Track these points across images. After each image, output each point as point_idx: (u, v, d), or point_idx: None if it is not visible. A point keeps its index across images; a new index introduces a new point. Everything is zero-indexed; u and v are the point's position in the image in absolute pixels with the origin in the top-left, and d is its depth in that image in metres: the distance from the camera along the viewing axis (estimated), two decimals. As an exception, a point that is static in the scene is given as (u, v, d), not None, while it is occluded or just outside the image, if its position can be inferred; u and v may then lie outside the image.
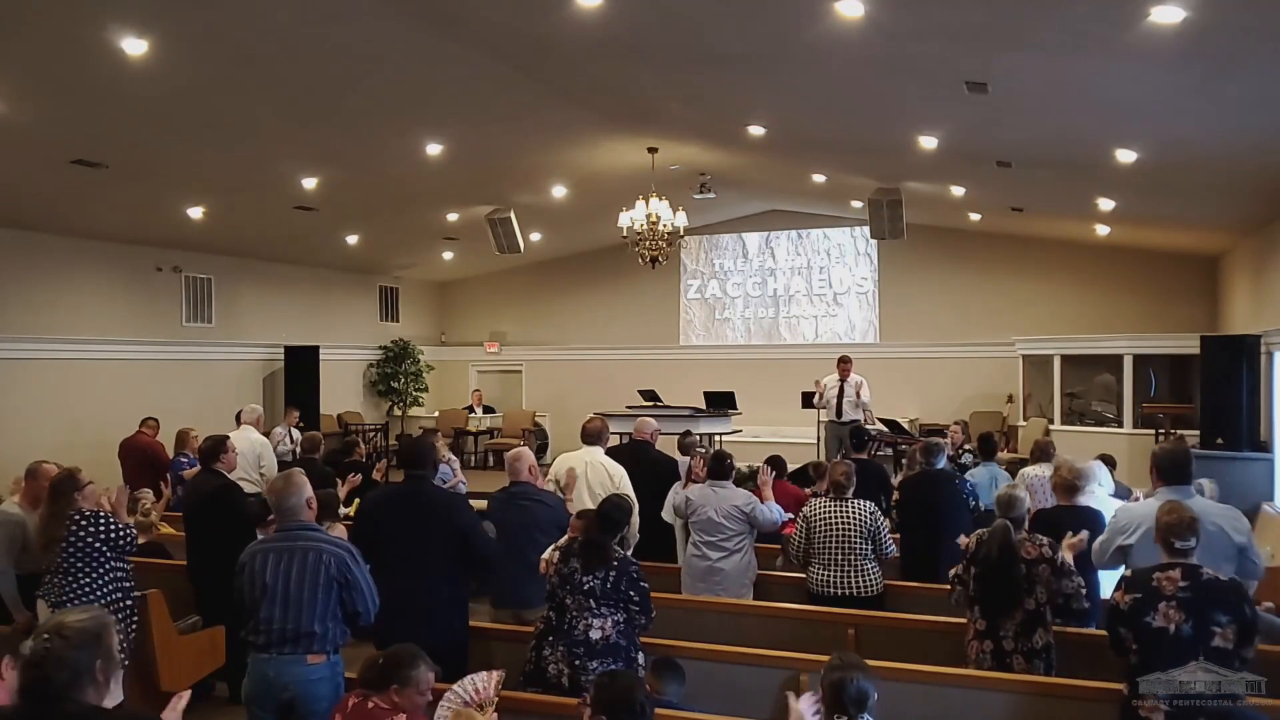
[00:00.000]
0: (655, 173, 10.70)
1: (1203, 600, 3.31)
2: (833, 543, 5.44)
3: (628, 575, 4.11)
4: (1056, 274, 13.46)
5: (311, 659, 3.66)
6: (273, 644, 3.68)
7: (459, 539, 4.37)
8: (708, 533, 5.67)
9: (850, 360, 10.88)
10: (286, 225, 11.53)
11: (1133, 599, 3.41)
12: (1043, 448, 6.94)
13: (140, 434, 9.00)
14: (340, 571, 3.71)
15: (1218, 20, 4.84)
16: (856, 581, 5.40)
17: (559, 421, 15.18)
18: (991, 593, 4.36)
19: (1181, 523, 3.47)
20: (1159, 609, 3.33)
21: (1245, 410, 9.35)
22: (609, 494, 4.92)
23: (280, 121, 8.05)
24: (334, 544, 3.80)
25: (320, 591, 3.68)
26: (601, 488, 5.70)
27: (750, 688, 4.16)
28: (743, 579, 5.69)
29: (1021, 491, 4.75)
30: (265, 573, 3.72)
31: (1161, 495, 4.11)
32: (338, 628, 3.74)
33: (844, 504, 5.49)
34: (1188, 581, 3.34)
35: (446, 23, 6.43)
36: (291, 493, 3.82)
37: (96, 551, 4.60)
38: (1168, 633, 3.30)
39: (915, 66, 6.41)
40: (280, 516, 3.85)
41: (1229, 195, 8.84)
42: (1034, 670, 4.25)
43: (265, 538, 3.88)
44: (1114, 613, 3.49)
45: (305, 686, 3.63)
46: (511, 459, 5.40)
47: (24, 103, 6.92)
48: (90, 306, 11.16)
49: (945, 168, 9.68)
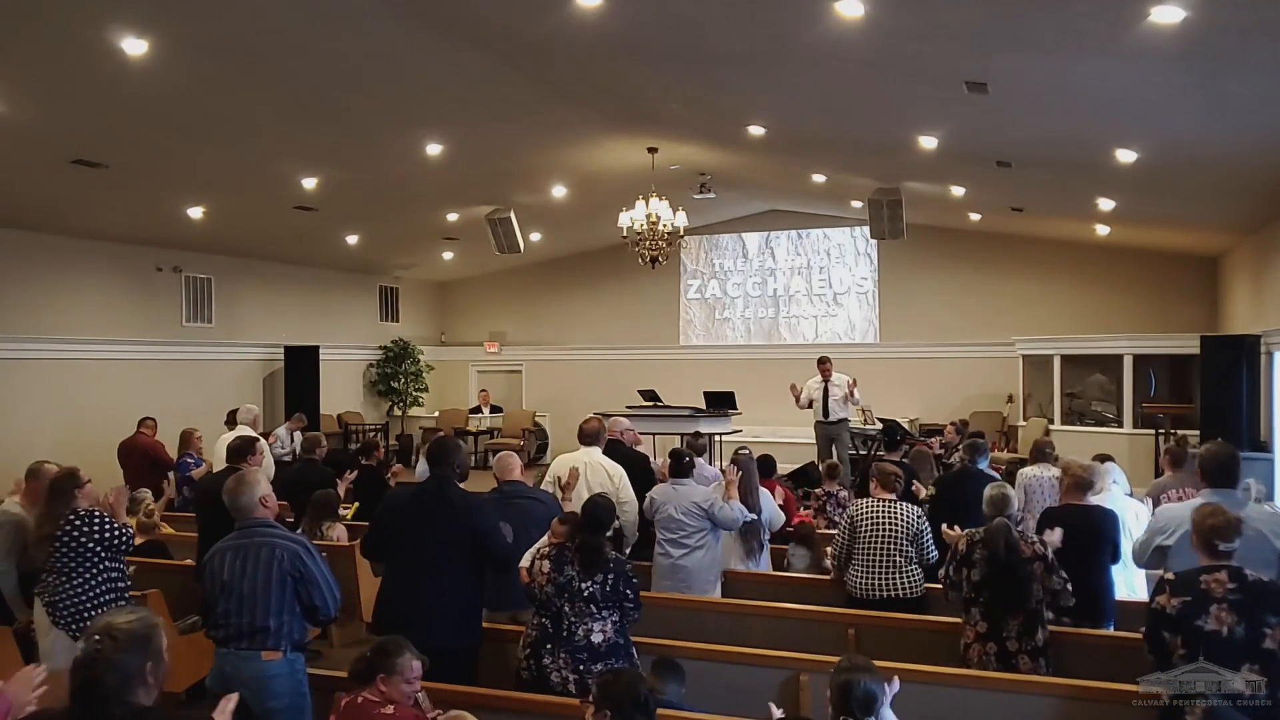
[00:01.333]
0: (655, 173, 10.70)
1: (1253, 602, 3.30)
2: (878, 544, 5.31)
3: (624, 575, 4.13)
4: (1056, 274, 13.46)
5: (266, 655, 3.70)
6: (230, 639, 3.74)
7: (478, 541, 4.36)
8: (669, 530, 5.72)
9: (829, 360, 10.99)
10: (286, 225, 11.53)
11: (1181, 602, 3.37)
12: (1041, 448, 6.93)
13: (140, 434, 9.00)
14: (294, 566, 3.76)
15: (1218, 20, 4.85)
16: (900, 583, 5.27)
17: (559, 421, 15.18)
18: (999, 593, 4.35)
19: (1228, 525, 3.45)
20: (1210, 612, 3.31)
21: (1245, 410, 9.36)
22: (593, 494, 4.90)
23: (280, 121, 8.05)
24: (288, 539, 3.86)
25: (274, 586, 3.73)
26: (601, 487, 5.71)
27: (750, 688, 4.15)
28: (707, 575, 5.71)
29: (1010, 490, 4.75)
30: (223, 570, 3.78)
31: (1206, 497, 4.07)
32: (295, 622, 3.78)
33: (890, 505, 5.38)
34: (1236, 584, 3.33)
35: (446, 23, 6.43)
36: (243, 492, 3.89)
37: (90, 551, 4.57)
38: (1220, 635, 3.28)
39: (915, 66, 6.41)
40: (236, 516, 3.90)
41: (1229, 195, 8.84)
42: (1037, 668, 4.24)
43: (226, 537, 3.92)
44: (1159, 617, 3.44)
45: (261, 683, 3.68)
46: (502, 459, 5.48)
47: (24, 103, 6.92)
48: (90, 306, 11.16)
49: (945, 168, 9.68)
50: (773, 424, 13.21)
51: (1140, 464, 10.36)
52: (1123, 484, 5.77)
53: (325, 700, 3.71)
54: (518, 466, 5.48)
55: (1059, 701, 3.87)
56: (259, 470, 4.07)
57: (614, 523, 4.39)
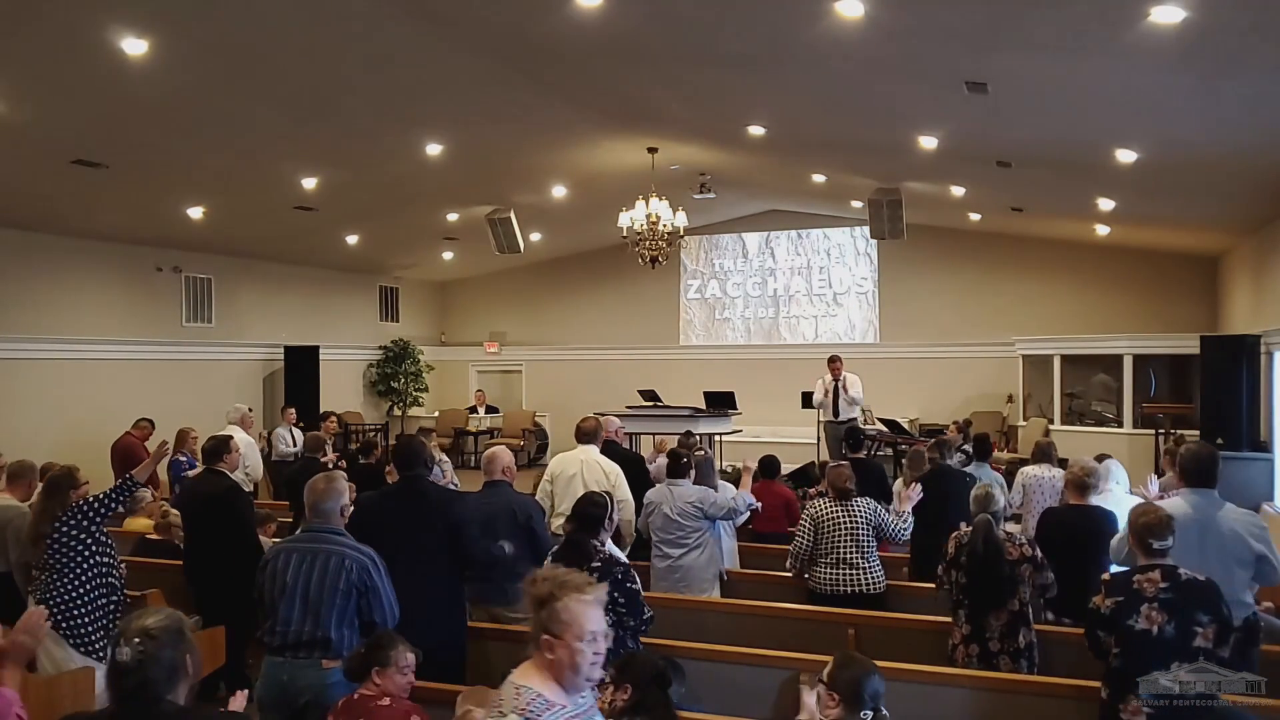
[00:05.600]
0: (655, 173, 10.70)
1: (1184, 601, 3.33)
2: (841, 542, 5.43)
3: (611, 576, 3.96)
4: (1056, 274, 13.46)
5: (327, 664, 3.64)
6: (288, 647, 3.66)
7: (454, 537, 4.35)
8: (665, 530, 5.73)
9: (840, 359, 10.88)
10: (286, 225, 11.53)
11: (1114, 602, 3.42)
12: (1043, 448, 6.94)
13: (127, 435, 9.02)
14: (361, 578, 3.70)
15: (1218, 20, 4.85)
16: (864, 580, 5.40)
17: (559, 422, 15.15)
18: (978, 589, 4.39)
19: (1160, 523, 3.48)
20: (1141, 611, 3.34)
21: (1245, 410, 9.35)
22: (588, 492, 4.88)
23: (280, 121, 8.05)
24: (358, 550, 3.77)
25: (340, 596, 3.66)
26: (598, 486, 5.69)
27: (750, 688, 4.16)
28: (705, 574, 5.71)
29: (996, 489, 4.78)
30: (287, 572, 3.70)
31: (1184, 496, 4.08)
32: (353, 635, 3.71)
33: (848, 504, 5.50)
34: (1168, 583, 3.36)
35: (447, 23, 6.43)
36: (330, 496, 3.81)
37: (80, 544, 4.53)
38: (1150, 634, 3.31)
39: (915, 66, 6.42)
40: (312, 516, 3.83)
41: (1229, 195, 8.84)
42: (1019, 669, 4.29)
43: (291, 538, 3.87)
44: (1094, 616, 3.51)
45: (322, 691, 3.60)
46: (487, 456, 5.40)
47: (24, 103, 6.92)
48: (90, 306, 11.16)
49: (945, 168, 9.68)
50: (773, 424, 13.20)
51: (1140, 464, 10.35)
52: (1124, 483, 5.77)
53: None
54: (501, 466, 5.26)
55: (1041, 700, 3.88)
56: (342, 477, 3.98)
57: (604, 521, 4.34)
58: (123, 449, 8.97)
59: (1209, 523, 3.98)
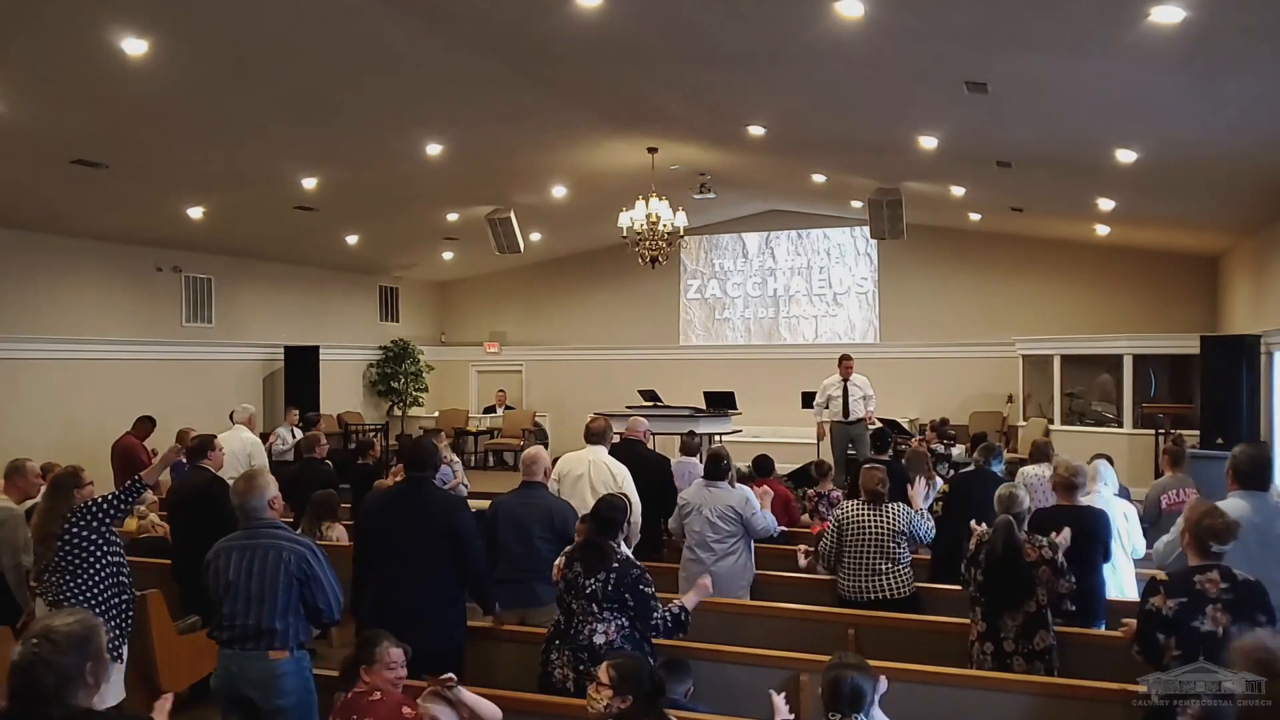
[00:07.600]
0: (655, 173, 10.70)
1: (1244, 601, 3.31)
2: (865, 548, 5.31)
3: (628, 578, 4.04)
4: (1056, 274, 13.46)
5: (274, 654, 3.72)
6: (235, 639, 3.75)
7: (456, 543, 4.36)
8: (700, 533, 5.63)
9: (851, 358, 10.77)
10: (286, 225, 11.53)
11: (1177, 604, 3.36)
12: (1041, 448, 6.93)
13: (128, 435, 9.02)
14: (300, 568, 3.77)
15: (1218, 20, 4.85)
16: (887, 585, 5.28)
17: (559, 421, 15.15)
18: (995, 589, 4.36)
19: (1226, 528, 3.43)
20: (1206, 612, 3.31)
21: (1245, 410, 9.36)
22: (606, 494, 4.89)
23: (280, 121, 8.05)
24: (295, 541, 3.87)
25: (281, 588, 3.74)
26: (605, 487, 5.67)
27: (750, 688, 4.15)
28: (738, 582, 5.61)
29: (1021, 490, 4.73)
30: (228, 570, 3.79)
31: (1241, 498, 4.02)
32: (300, 624, 3.80)
33: (879, 509, 5.35)
34: (1228, 583, 3.34)
35: (447, 23, 6.43)
36: (253, 494, 3.88)
37: (92, 544, 4.54)
38: (1216, 635, 3.27)
39: (915, 66, 6.42)
40: (243, 516, 3.90)
41: (1229, 195, 8.84)
42: (1034, 672, 4.23)
43: (229, 536, 3.94)
44: (1153, 618, 3.42)
45: (269, 681, 3.69)
46: (526, 456, 5.31)
47: (24, 103, 6.92)
48: (90, 306, 11.16)
49: (945, 168, 9.68)
50: (773, 424, 13.20)
51: (1140, 464, 10.37)
52: (1111, 484, 5.74)
53: (326, 700, 3.71)
54: (543, 467, 5.21)
55: (1049, 701, 3.86)
56: (263, 471, 4.05)
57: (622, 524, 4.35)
58: (123, 449, 8.98)
59: (1267, 526, 3.93)
